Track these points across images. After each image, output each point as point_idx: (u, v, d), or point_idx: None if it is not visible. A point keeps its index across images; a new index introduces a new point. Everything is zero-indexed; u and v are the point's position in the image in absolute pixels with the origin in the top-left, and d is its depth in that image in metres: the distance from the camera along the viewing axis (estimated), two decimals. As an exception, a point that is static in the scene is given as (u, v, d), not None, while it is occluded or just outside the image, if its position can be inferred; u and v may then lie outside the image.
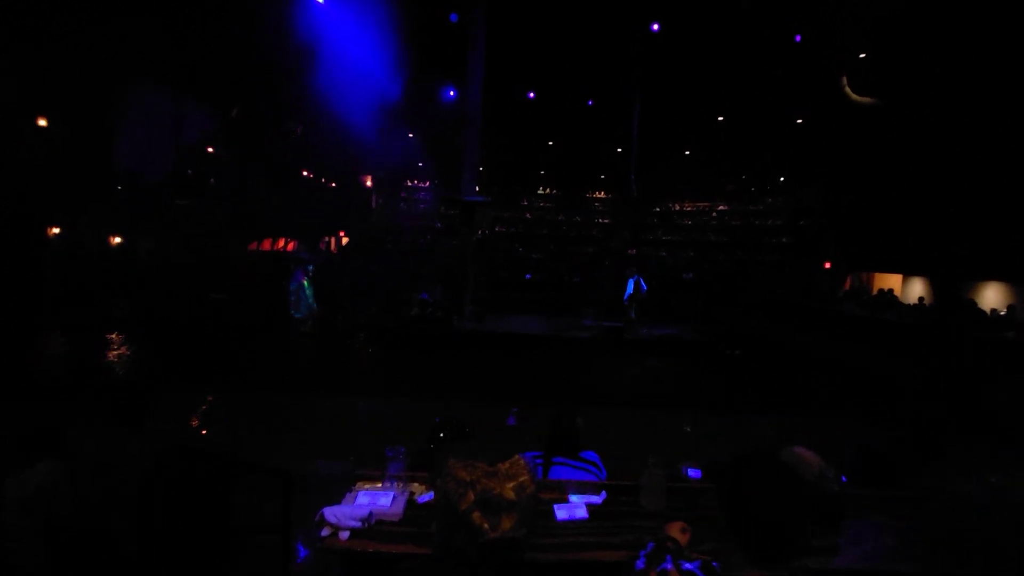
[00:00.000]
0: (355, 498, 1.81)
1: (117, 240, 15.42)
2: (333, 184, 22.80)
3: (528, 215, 24.40)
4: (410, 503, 1.82)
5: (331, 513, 1.67)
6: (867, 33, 12.63)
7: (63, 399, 5.17)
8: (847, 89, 14.75)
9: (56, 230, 13.67)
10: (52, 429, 2.03)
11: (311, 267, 10.75)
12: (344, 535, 1.62)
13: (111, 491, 1.88)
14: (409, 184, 24.50)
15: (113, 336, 8.99)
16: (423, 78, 15.85)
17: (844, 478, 2.01)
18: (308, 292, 10.29)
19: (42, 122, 13.31)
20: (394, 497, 1.81)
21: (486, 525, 0.82)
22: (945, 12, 10.87)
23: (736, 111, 18.47)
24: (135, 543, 1.85)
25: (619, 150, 21.09)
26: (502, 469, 0.86)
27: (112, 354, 8.11)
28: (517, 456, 0.93)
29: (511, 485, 0.83)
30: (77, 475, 1.88)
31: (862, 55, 13.90)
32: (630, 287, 11.57)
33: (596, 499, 1.95)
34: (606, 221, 24.34)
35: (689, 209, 23.02)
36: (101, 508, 1.87)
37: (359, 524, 1.65)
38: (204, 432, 4.99)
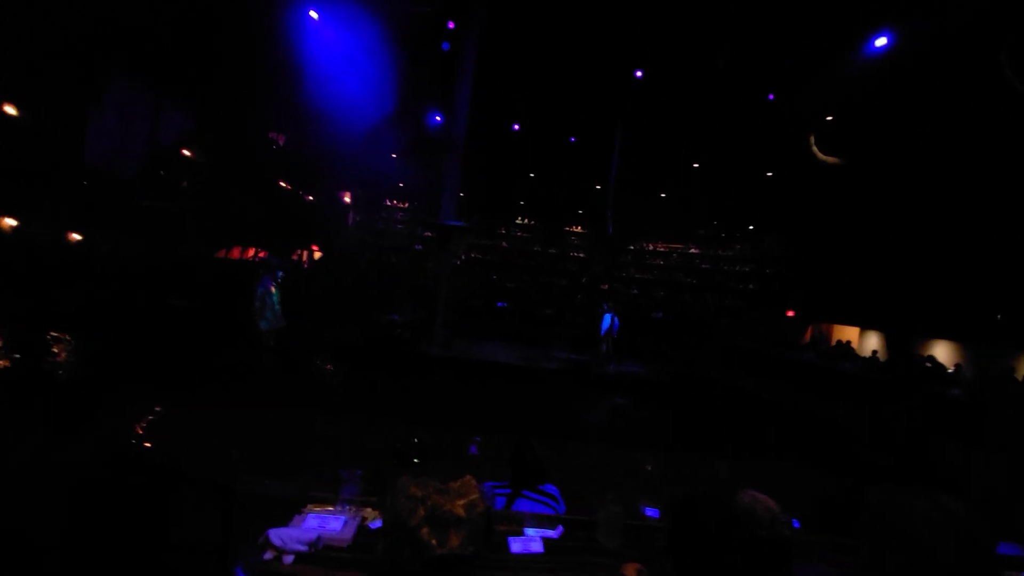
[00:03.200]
0: (304, 520, 1.74)
1: (76, 236, 14.81)
2: (310, 197, 22.57)
3: (505, 244, 24.58)
4: (361, 528, 1.75)
5: (276, 535, 1.60)
6: (834, 98, 13.45)
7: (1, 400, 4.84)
8: (814, 148, 15.59)
9: (12, 221, 13.05)
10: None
11: (281, 274, 10.49)
12: (288, 559, 1.55)
13: (38, 497, 1.76)
14: (388, 204, 24.46)
15: (59, 334, 8.54)
16: (411, 100, 16.05)
17: (796, 523, 2.04)
18: (275, 299, 9.99)
19: (10, 109, 12.86)
20: (345, 521, 1.75)
21: (434, 541, 0.81)
22: (905, 85, 11.69)
23: (710, 159, 19.28)
24: (59, 554, 1.72)
25: (597, 187, 21.63)
26: (453, 487, 0.86)
27: (58, 354, 7.68)
28: (468, 476, 0.92)
29: (461, 503, 0.83)
30: (8, 477, 1.76)
31: (829, 117, 14.77)
32: (606, 322, 11.69)
33: (552, 533, 1.92)
34: (581, 255, 24.72)
35: (662, 250, 23.60)
36: (25, 515, 1.74)
37: (305, 548, 1.58)
38: (146, 442, 4.74)
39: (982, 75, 10.09)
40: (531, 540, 1.82)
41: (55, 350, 7.91)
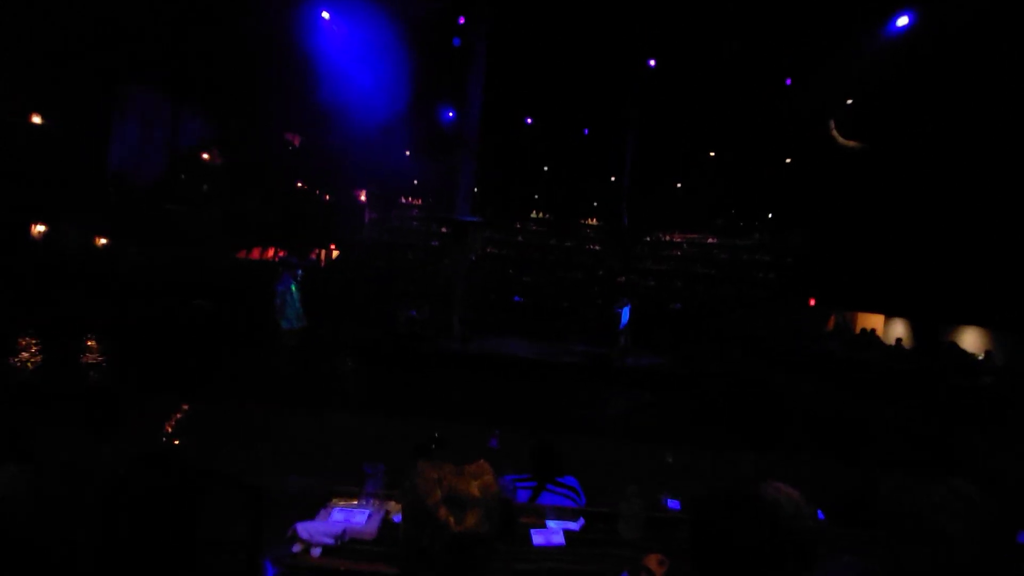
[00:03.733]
0: (330, 514, 1.78)
1: (103, 242, 15.22)
2: (327, 197, 22.84)
3: (520, 238, 24.57)
4: (385, 522, 1.79)
5: (304, 529, 1.64)
6: (853, 81, 13.08)
7: (35, 403, 5.02)
8: (835, 133, 15.22)
9: (42, 228, 13.48)
10: (17, 432, 1.97)
11: (300, 272, 10.64)
12: (316, 552, 1.59)
13: (76, 500, 1.82)
14: (403, 201, 24.62)
15: (91, 339, 8.80)
16: (423, 97, 16.08)
17: (821, 515, 2.02)
18: (295, 297, 10.13)
19: (36, 119, 13.25)
20: (369, 515, 1.79)
21: (451, 520, 0.88)
22: (926, 65, 11.33)
23: (727, 147, 18.94)
24: (94, 554, 1.78)
25: (612, 179, 21.45)
26: (468, 470, 0.93)
27: (89, 358, 7.93)
28: (482, 460, 0.97)
29: (476, 484, 0.91)
30: (42, 481, 1.82)
31: (849, 101, 14.39)
32: (626, 315, 11.62)
33: (574, 525, 1.93)
34: (597, 248, 24.59)
35: (679, 240, 23.34)
36: (64, 517, 1.81)
37: (332, 541, 1.62)
38: (176, 442, 4.87)
39: (1007, 53, 9.73)
40: (553, 533, 1.83)
41: (86, 354, 8.16)
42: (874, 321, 15.07)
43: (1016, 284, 10.62)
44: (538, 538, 1.79)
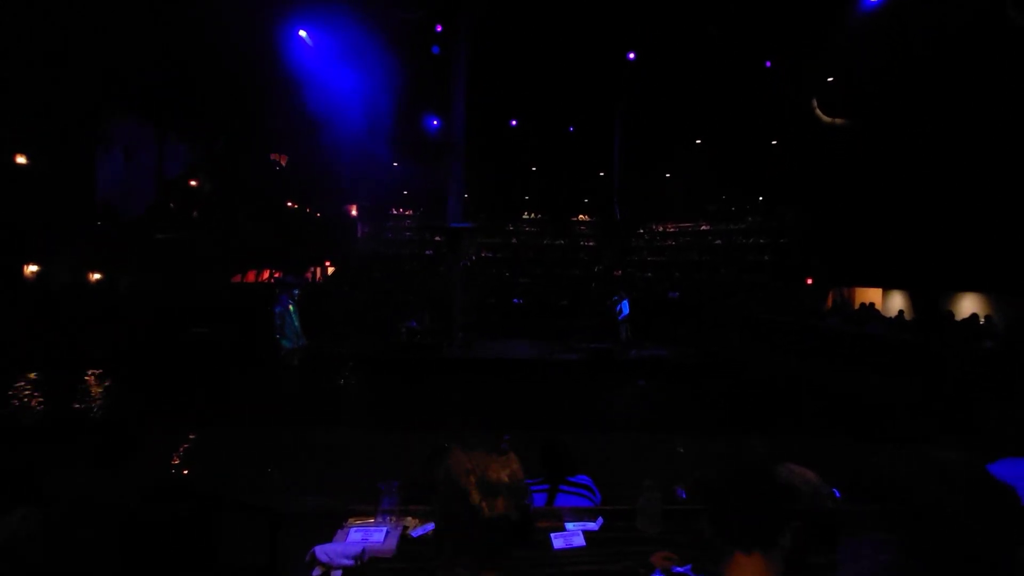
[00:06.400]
0: (347, 535, 1.76)
1: (96, 276, 15.14)
2: (318, 214, 22.81)
3: (514, 240, 24.59)
4: (403, 538, 1.77)
5: (322, 552, 1.62)
6: (840, 57, 13.10)
7: (42, 441, 4.99)
8: (818, 111, 15.28)
9: (34, 268, 13.40)
10: (26, 473, 1.95)
11: (296, 291, 10.61)
12: (336, 574, 1.58)
13: (92, 536, 1.81)
14: (395, 212, 24.61)
15: (92, 374, 8.75)
16: (407, 107, 16.09)
17: (837, 493, 2.02)
18: (294, 316, 10.11)
19: (21, 159, 13.19)
20: (387, 532, 1.77)
21: (484, 505, 0.96)
22: (911, 35, 11.35)
23: (713, 133, 19.00)
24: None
25: (602, 174, 21.49)
26: (498, 459, 1.03)
27: (92, 393, 7.88)
28: (510, 452, 1.03)
29: (505, 472, 1.00)
30: (55, 521, 1.80)
31: (830, 79, 14.44)
32: (626, 308, 11.65)
33: (593, 525, 1.91)
34: (591, 244, 24.62)
35: (672, 230, 23.38)
36: (81, 554, 1.79)
37: (351, 562, 1.60)
38: (185, 471, 4.84)
39: (991, 18, 9.76)
40: (573, 535, 1.82)
41: (89, 389, 8.11)
42: (872, 295, 15.10)
43: (1013, 247, 10.63)
44: (558, 542, 1.78)
